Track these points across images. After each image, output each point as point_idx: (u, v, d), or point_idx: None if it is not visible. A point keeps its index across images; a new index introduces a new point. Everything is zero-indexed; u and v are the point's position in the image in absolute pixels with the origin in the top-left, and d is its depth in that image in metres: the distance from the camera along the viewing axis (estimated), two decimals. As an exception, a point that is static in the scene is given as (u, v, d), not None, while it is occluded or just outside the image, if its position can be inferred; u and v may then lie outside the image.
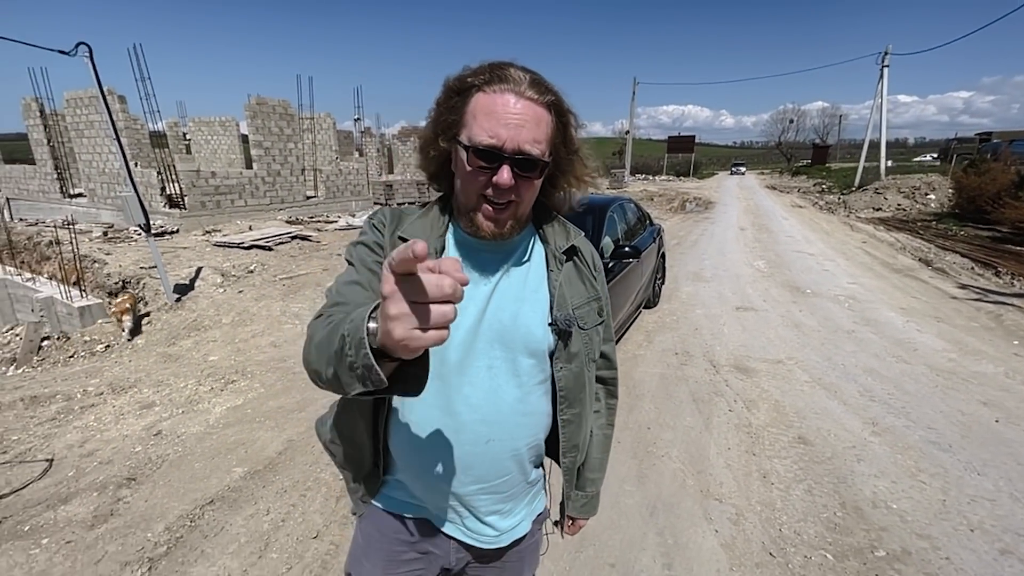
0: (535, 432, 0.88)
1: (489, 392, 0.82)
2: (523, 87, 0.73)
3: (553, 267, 0.88)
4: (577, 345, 0.88)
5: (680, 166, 50.75)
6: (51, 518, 2.39)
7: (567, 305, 0.87)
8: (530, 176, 0.76)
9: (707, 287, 6.67)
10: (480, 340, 0.82)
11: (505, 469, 0.86)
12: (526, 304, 0.85)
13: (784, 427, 3.09)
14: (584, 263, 0.93)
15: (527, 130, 0.73)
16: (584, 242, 0.95)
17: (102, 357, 4.70)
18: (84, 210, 11.59)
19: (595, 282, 0.94)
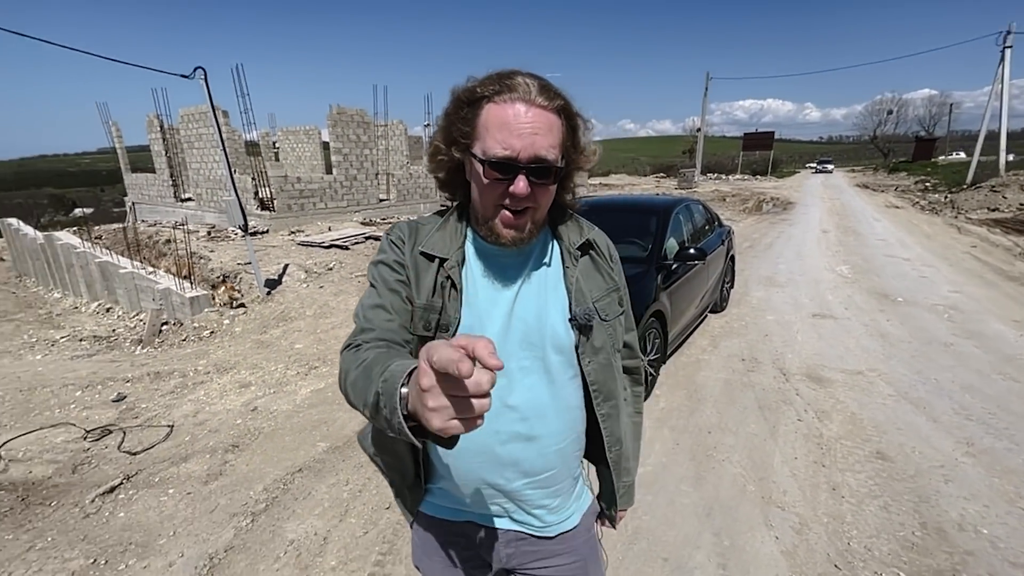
0: (573, 425, 0.91)
1: (525, 392, 0.84)
2: (532, 95, 0.73)
3: (569, 263, 0.89)
4: (601, 338, 0.89)
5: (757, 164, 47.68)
6: (174, 473, 2.82)
7: (586, 299, 0.88)
8: (545, 182, 0.78)
9: (780, 292, 6.31)
10: (509, 343, 0.84)
11: (550, 464, 0.88)
12: (548, 303, 0.86)
13: (860, 441, 2.91)
14: (600, 255, 0.94)
15: (540, 137, 0.73)
16: (599, 235, 0.97)
17: (208, 341, 5.36)
18: (192, 212, 13.11)
19: (612, 273, 0.95)
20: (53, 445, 3.35)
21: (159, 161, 14.10)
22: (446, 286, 0.83)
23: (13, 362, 5.38)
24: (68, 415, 3.79)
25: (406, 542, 2.20)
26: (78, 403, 4.00)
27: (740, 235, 11.11)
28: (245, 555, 2.16)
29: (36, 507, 2.64)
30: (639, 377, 1.09)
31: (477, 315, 0.84)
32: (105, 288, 7.48)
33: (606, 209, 4.61)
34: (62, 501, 2.66)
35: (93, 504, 2.59)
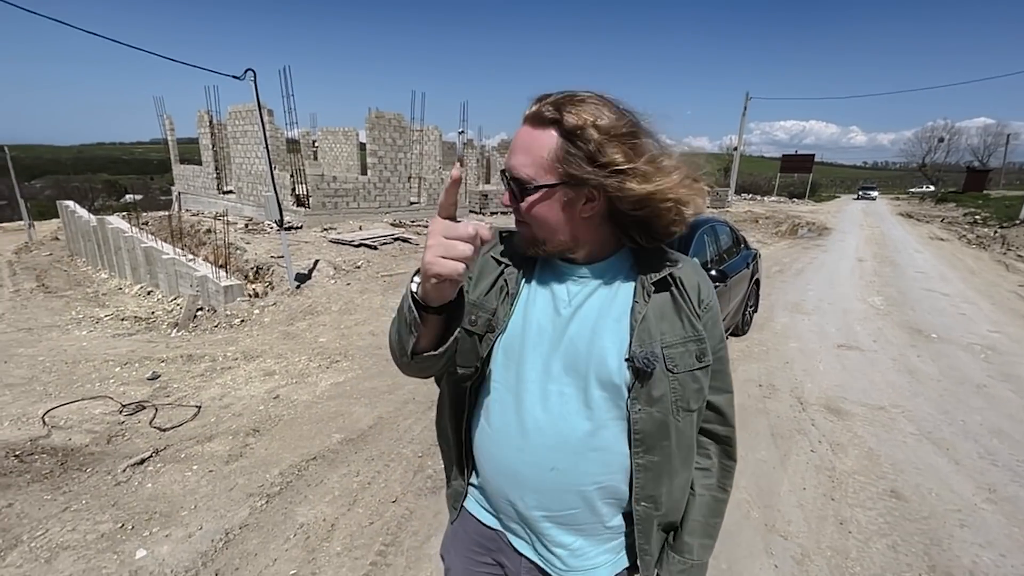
0: (607, 471, 0.81)
1: (558, 419, 0.80)
2: (534, 114, 0.75)
3: (639, 297, 0.81)
4: (662, 388, 0.79)
5: (795, 187, 46.47)
6: (199, 451, 2.99)
7: (652, 342, 0.78)
8: (523, 198, 0.77)
9: (806, 320, 6.17)
10: (555, 364, 0.81)
11: (570, 503, 0.82)
12: (605, 333, 0.80)
13: (875, 477, 2.84)
14: (685, 297, 0.82)
15: (518, 154, 0.75)
16: (691, 273, 0.85)
17: (238, 329, 5.61)
18: (232, 205, 13.70)
19: (697, 320, 0.82)
20: (92, 416, 3.59)
21: (206, 154, 14.82)
22: (503, 290, 0.85)
23: (61, 336, 5.75)
24: (107, 389, 4.05)
25: (409, 535, 2.28)
26: (116, 378, 4.26)
27: (770, 259, 10.88)
28: (258, 533, 2.28)
29: (73, 472, 2.84)
30: (731, 450, 0.93)
31: (528, 325, 0.83)
32: (148, 272, 7.91)
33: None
34: (96, 468, 2.85)
35: (124, 473, 2.77)
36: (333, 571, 2.07)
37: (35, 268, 11.36)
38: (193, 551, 2.17)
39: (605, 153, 0.72)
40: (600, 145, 0.72)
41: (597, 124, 0.72)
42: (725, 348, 0.88)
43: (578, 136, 0.72)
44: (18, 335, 5.90)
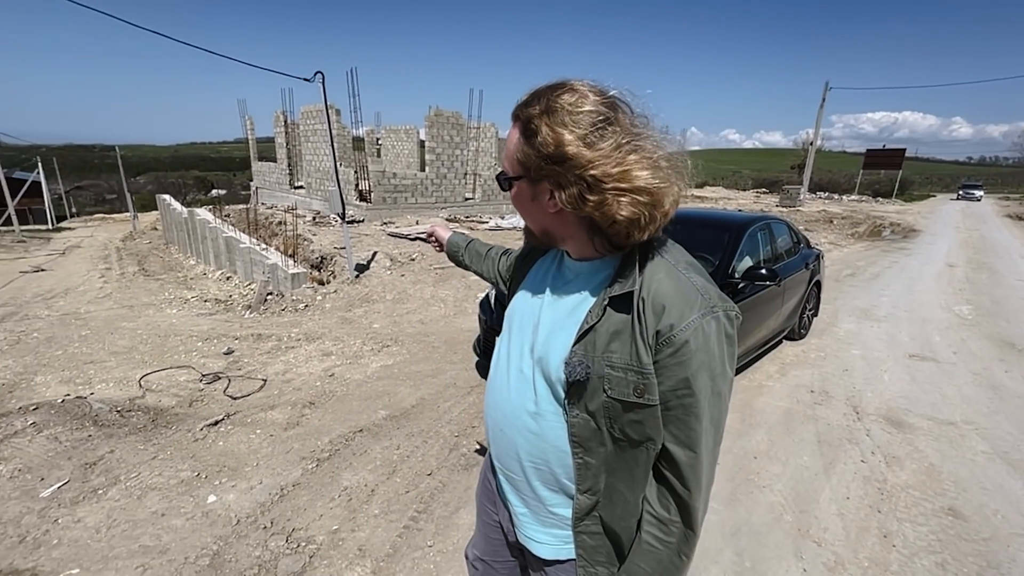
0: (542, 456, 0.85)
1: (513, 392, 0.88)
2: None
3: (595, 308, 0.77)
4: (595, 403, 0.76)
5: (880, 185, 42.49)
6: (263, 418, 3.33)
7: (595, 355, 0.75)
8: (514, 193, 0.82)
9: (875, 327, 5.73)
10: (526, 344, 0.88)
11: (512, 465, 0.90)
12: (561, 332, 0.81)
13: (932, 494, 2.65)
14: (642, 322, 0.73)
15: (505, 150, 0.81)
16: (663, 300, 0.72)
17: (302, 313, 6.08)
18: (302, 199, 14.72)
19: (646, 352, 0.72)
20: (177, 382, 4.08)
21: (280, 152, 16.00)
22: (520, 268, 1.03)
23: (156, 313, 6.52)
24: (190, 360, 4.57)
25: (440, 505, 2.44)
26: (198, 352, 4.80)
27: (842, 261, 10.14)
28: (308, 492, 2.53)
29: (161, 428, 3.26)
30: (688, 517, 0.78)
31: (522, 300, 0.95)
32: (228, 259, 8.73)
33: (676, 221, 4.51)
34: (179, 426, 3.26)
35: (201, 432, 3.15)
36: (370, 530, 2.26)
37: (137, 254, 12.86)
38: (254, 501, 2.45)
39: (548, 143, 0.70)
40: (545, 135, 0.70)
41: (547, 113, 0.70)
42: (695, 397, 0.72)
43: (530, 129, 0.72)
44: (122, 311, 6.75)
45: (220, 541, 2.18)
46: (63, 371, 4.46)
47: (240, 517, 2.33)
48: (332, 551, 2.14)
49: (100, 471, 2.74)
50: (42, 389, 4.07)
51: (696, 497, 0.77)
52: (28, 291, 9.11)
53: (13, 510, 2.42)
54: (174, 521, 2.31)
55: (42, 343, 5.37)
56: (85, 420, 3.27)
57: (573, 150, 0.69)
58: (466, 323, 5.56)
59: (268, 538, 2.20)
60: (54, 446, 2.95)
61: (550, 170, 0.73)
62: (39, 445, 2.94)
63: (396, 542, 2.20)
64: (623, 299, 0.75)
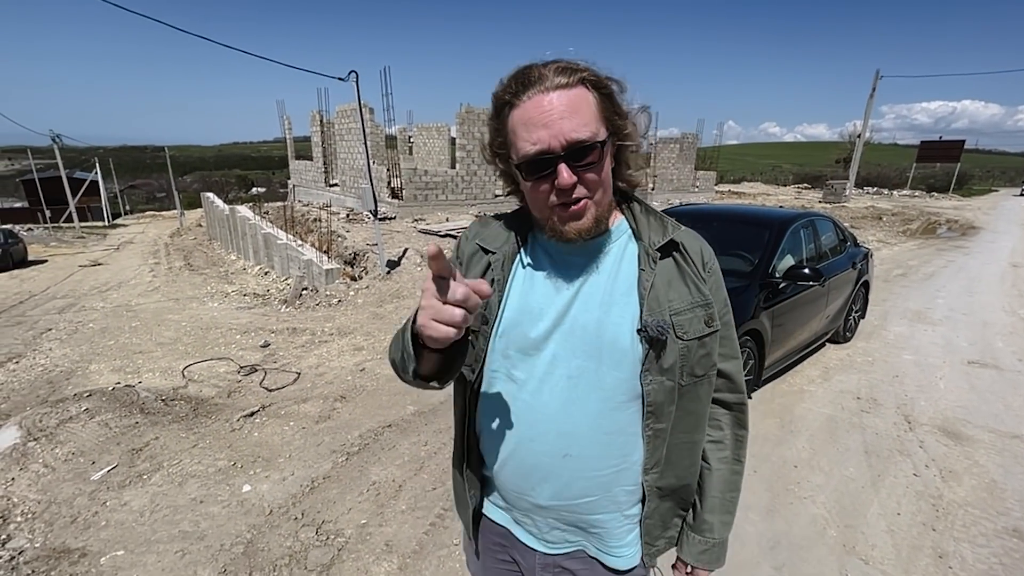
0: (623, 454, 0.79)
1: (568, 403, 0.76)
2: (548, 81, 0.68)
3: (645, 265, 0.77)
4: (672, 357, 0.76)
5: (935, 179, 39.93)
6: (296, 410, 3.41)
7: (662, 310, 0.76)
8: (591, 163, 0.70)
9: (930, 331, 5.38)
10: (561, 347, 0.77)
11: (585, 489, 0.79)
12: (613, 309, 0.76)
13: (994, 512, 2.45)
14: (689, 262, 0.80)
15: (568, 119, 0.67)
16: (689, 237, 0.83)
17: (335, 308, 6.22)
18: (336, 196, 15.08)
19: (702, 284, 0.80)
20: (217, 373, 4.24)
21: (316, 151, 16.43)
22: (492, 279, 0.81)
23: (199, 307, 6.81)
24: (229, 352, 4.74)
25: (466, 505, 2.43)
26: (237, 344, 4.98)
27: (892, 260, 9.58)
28: (337, 485, 2.57)
29: (202, 417, 3.40)
30: (742, 417, 0.90)
31: (524, 311, 0.79)
32: (266, 255, 9.04)
33: (714, 218, 4.38)
34: (218, 417, 3.39)
35: (238, 422, 3.26)
36: (397, 525, 2.27)
37: (183, 249, 13.49)
38: (286, 492, 2.51)
39: (620, 101, 0.74)
40: (617, 95, 0.73)
41: (609, 80, 0.72)
42: (730, 312, 0.85)
43: (604, 88, 0.71)
44: (168, 304, 7.09)
45: (254, 530, 2.24)
46: (115, 360, 4.72)
47: (273, 507, 2.39)
48: (360, 545, 2.16)
49: (146, 457, 2.87)
50: (96, 377, 4.31)
51: (745, 394, 0.90)
52: (86, 284, 9.71)
53: (67, 491, 2.56)
54: (212, 508, 2.39)
55: (97, 333, 5.70)
56: (133, 408, 3.44)
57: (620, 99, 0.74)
58: (495, 320, 5.55)
59: (299, 529, 2.25)
60: (104, 432, 3.11)
61: (620, 124, 0.74)
62: (91, 430, 3.11)
63: (423, 539, 2.20)
64: (664, 248, 0.80)
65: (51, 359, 4.88)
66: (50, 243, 17.37)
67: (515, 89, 0.70)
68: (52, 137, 22.90)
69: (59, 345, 5.33)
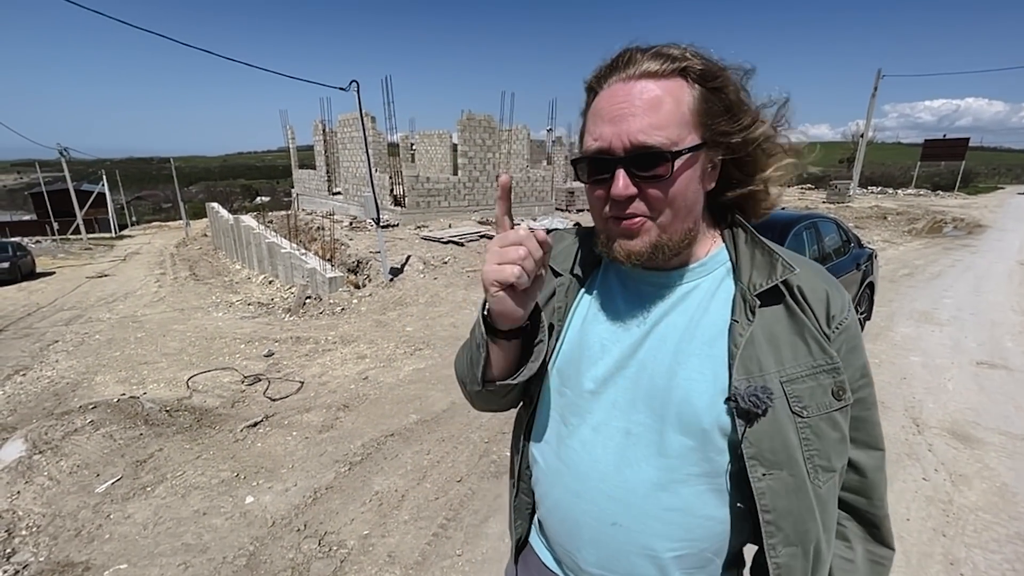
0: (688, 537, 0.62)
1: (622, 463, 0.64)
2: (636, 67, 0.57)
3: (740, 314, 0.61)
4: (784, 438, 0.58)
5: (940, 177, 39.67)
6: (299, 420, 3.41)
7: (763, 374, 0.59)
8: (655, 175, 0.56)
9: (937, 332, 5.32)
10: (623, 395, 0.65)
11: (635, 567, 0.64)
12: (691, 360, 0.62)
13: (1006, 517, 2.40)
14: (808, 312, 0.62)
15: (638, 117, 0.55)
16: (811, 278, 0.63)
17: (338, 316, 6.24)
18: (340, 204, 15.16)
19: (827, 342, 0.61)
20: (221, 383, 4.25)
21: (319, 159, 16.56)
22: (556, 302, 0.72)
23: (203, 316, 6.85)
24: (233, 362, 4.76)
25: (469, 513, 2.41)
26: (241, 354, 4.99)
27: (898, 260, 9.51)
28: (340, 495, 2.56)
29: (206, 428, 3.40)
30: (878, 531, 0.69)
31: (584, 346, 0.68)
32: (270, 264, 9.09)
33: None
34: (222, 427, 3.39)
35: (241, 432, 3.26)
36: (400, 536, 2.26)
37: (189, 259, 13.60)
38: (288, 503, 2.51)
39: (743, 103, 0.59)
40: (738, 92, 0.59)
41: (726, 72, 0.58)
42: (870, 385, 0.65)
43: (714, 81, 0.57)
44: (173, 314, 7.14)
45: (256, 542, 2.24)
46: (120, 371, 4.75)
47: (275, 519, 2.38)
48: (362, 556, 2.15)
49: (149, 469, 2.88)
50: (101, 388, 4.34)
51: (887, 505, 0.68)
52: (93, 295, 9.80)
53: (72, 504, 2.57)
54: (214, 520, 2.39)
55: (103, 344, 5.74)
56: (137, 419, 3.45)
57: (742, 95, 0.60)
58: (498, 326, 5.54)
59: (301, 541, 2.24)
60: (109, 443, 3.12)
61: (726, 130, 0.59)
62: (96, 442, 3.12)
63: (425, 550, 2.19)
64: (771, 293, 0.62)
65: (57, 371, 4.92)
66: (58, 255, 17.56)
67: (601, 74, 0.60)
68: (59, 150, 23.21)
69: (65, 357, 5.37)
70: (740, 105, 0.59)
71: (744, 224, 0.68)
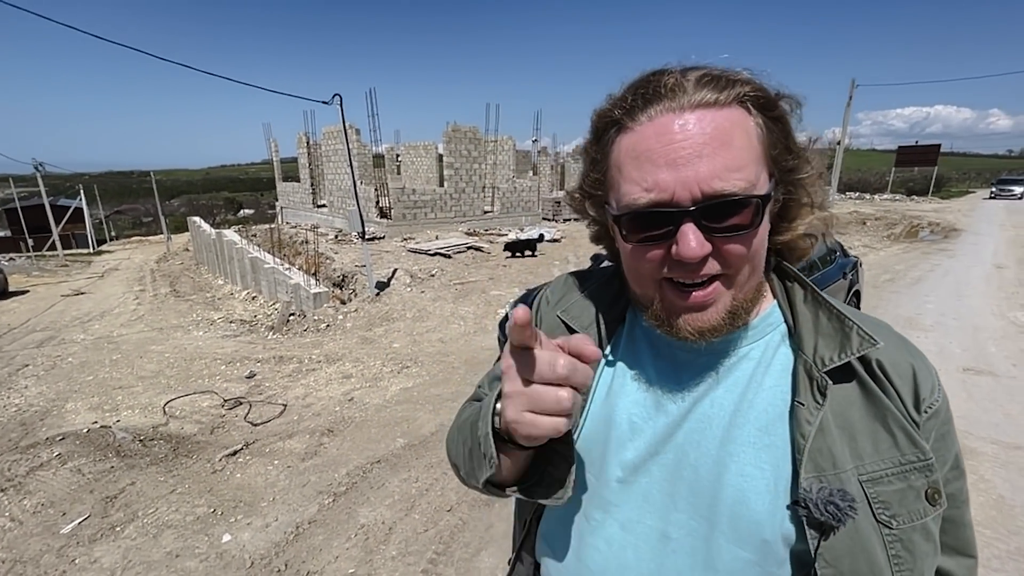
0: None
1: (659, 573, 0.52)
2: (687, 95, 0.45)
3: (806, 396, 0.49)
4: (868, 555, 0.47)
5: (914, 182, 40.88)
6: (281, 447, 3.28)
7: (838, 471, 0.47)
8: (740, 228, 0.46)
9: (922, 337, 5.37)
10: (658, 487, 0.53)
11: None
12: (744, 451, 0.50)
13: (1005, 532, 2.38)
14: (891, 393, 0.50)
15: (707, 158, 0.44)
16: (895, 352, 0.51)
17: (323, 333, 6.09)
18: (325, 217, 14.98)
19: (915, 431, 0.49)
20: (200, 408, 4.09)
21: (303, 172, 16.39)
22: None
23: (183, 336, 6.64)
24: (213, 384, 4.59)
25: (460, 546, 2.31)
26: (222, 375, 4.82)
27: (879, 266, 9.66)
28: (324, 530, 2.44)
29: (182, 457, 3.24)
30: None
31: (611, 423, 0.56)
32: (253, 279, 8.89)
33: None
34: (199, 456, 3.24)
35: (220, 463, 3.11)
36: (387, 573, 2.15)
37: (170, 275, 13.27)
38: (268, 540, 2.38)
39: (793, 137, 0.50)
40: (790, 126, 0.50)
41: (779, 95, 0.49)
42: (963, 478, 0.54)
43: (774, 111, 0.48)
44: (152, 334, 6.90)
45: (233, 586, 2.11)
46: (92, 397, 4.54)
47: (254, 559, 2.25)
48: (347, 597, 2.03)
49: (120, 505, 2.72)
50: (71, 416, 4.13)
51: None
52: (67, 315, 9.46)
53: (34, 547, 2.40)
54: (188, 563, 2.25)
55: (76, 368, 5.51)
56: (108, 451, 3.28)
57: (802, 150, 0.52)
58: (486, 341, 5.45)
59: (282, 582, 2.12)
60: (77, 479, 2.95)
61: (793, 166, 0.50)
62: (63, 478, 2.95)
63: (414, 587, 2.08)
64: (843, 371, 0.50)
65: (26, 398, 4.69)
66: (32, 272, 17.01)
67: (631, 103, 0.47)
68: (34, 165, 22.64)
69: (35, 383, 5.13)
70: (794, 139, 0.50)
71: (800, 278, 0.55)
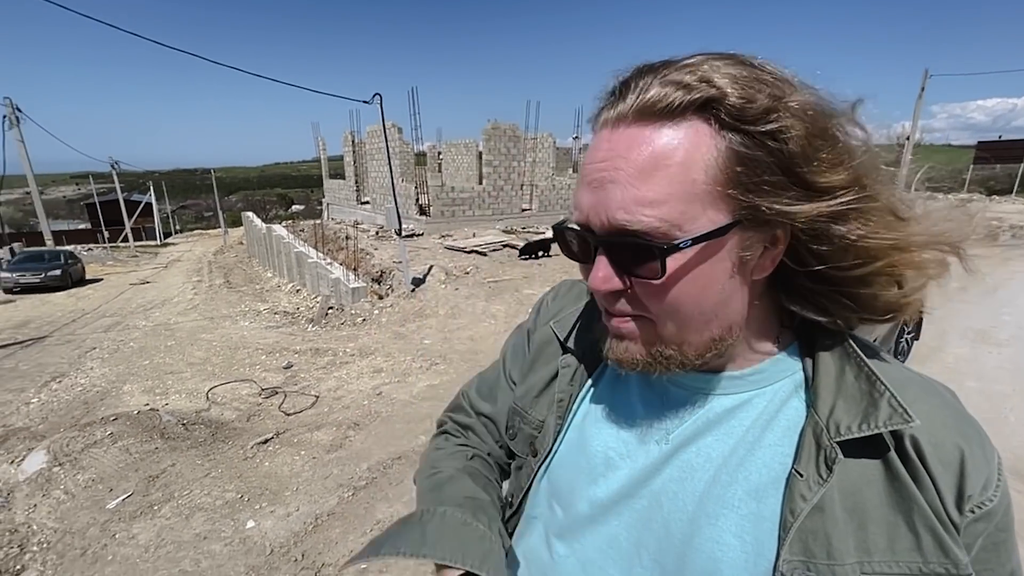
0: None
1: None
2: (630, 102, 0.36)
3: (808, 464, 0.39)
4: None
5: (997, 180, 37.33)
6: (309, 438, 3.38)
7: (830, 559, 0.38)
8: (641, 269, 0.37)
9: (996, 353, 4.87)
10: (624, 531, 0.46)
11: None
12: (725, 516, 0.42)
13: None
14: (922, 480, 0.38)
15: (623, 186, 0.36)
16: (938, 427, 0.39)
17: (359, 327, 6.25)
18: (367, 214, 15.42)
19: (953, 536, 0.37)
20: (239, 396, 4.29)
21: (348, 170, 16.94)
22: (555, 398, 0.53)
23: (231, 325, 7.01)
24: (254, 373, 4.81)
25: (473, 550, 2.29)
26: (262, 365, 5.04)
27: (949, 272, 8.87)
28: (341, 523, 2.49)
29: (219, 443, 3.41)
30: None
31: (585, 452, 0.50)
32: (298, 272, 9.27)
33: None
34: (234, 443, 3.39)
35: (252, 450, 3.25)
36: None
37: (224, 267, 14.08)
38: (289, 529, 2.44)
39: (817, 159, 0.36)
40: (808, 143, 0.35)
41: (789, 102, 0.35)
42: None
43: (761, 124, 0.35)
44: (203, 323, 7.34)
45: (252, 572, 2.18)
46: (147, 380, 4.87)
47: (274, 547, 2.32)
48: (359, 592, 2.06)
49: (160, 485, 2.89)
50: (127, 398, 4.45)
51: None
52: (133, 302, 10.23)
53: (82, 520, 2.58)
54: (214, 546, 2.35)
55: (135, 353, 5.93)
56: (154, 432, 3.49)
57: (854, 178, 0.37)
58: (516, 341, 5.42)
59: (298, 572, 2.17)
60: (125, 457, 3.16)
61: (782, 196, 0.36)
62: (112, 456, 3.17)
63: (424, 588, 2.07)
64: (865, 444, 0.39)
65: (91, 379, 5.09)
66: (107, 262, 18.55)
67: (601, 103, 0.40)
68: (111, 164, 24.63)
69: (100, 364, 5.57)
70: (816, 158, 0.36)
71: (842, 329, 0.43)
